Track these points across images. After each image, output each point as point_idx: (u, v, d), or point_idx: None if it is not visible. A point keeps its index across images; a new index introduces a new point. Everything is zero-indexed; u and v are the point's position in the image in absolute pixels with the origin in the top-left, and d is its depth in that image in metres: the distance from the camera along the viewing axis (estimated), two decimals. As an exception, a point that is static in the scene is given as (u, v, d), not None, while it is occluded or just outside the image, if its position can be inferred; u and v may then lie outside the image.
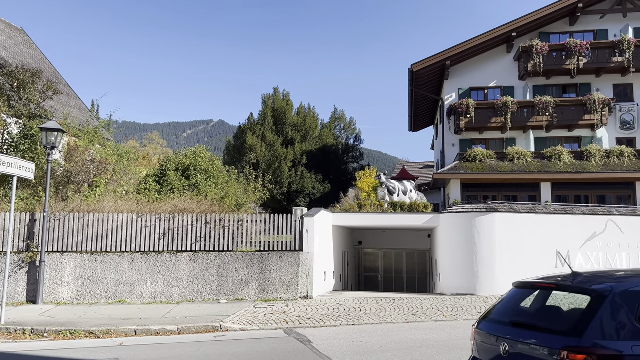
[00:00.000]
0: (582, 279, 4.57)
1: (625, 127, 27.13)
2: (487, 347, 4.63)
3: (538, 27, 28.16)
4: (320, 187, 32.10)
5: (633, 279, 4.38)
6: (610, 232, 15.95)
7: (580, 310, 4.15)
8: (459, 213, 16.08)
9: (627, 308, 3.94)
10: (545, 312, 4.58)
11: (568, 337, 3.87)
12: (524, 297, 4.83)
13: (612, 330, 3.85)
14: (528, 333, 4.23)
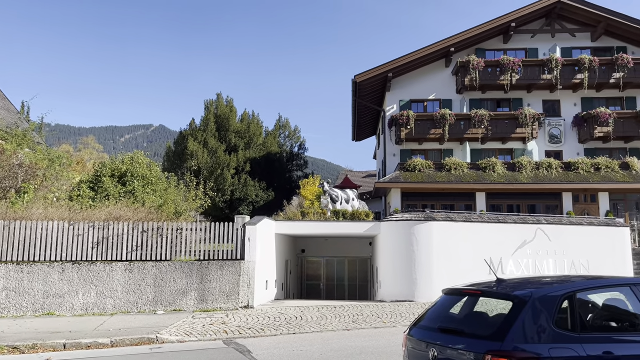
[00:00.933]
0: (506, 285, 4.76)
1: (553, 140, 28.81)
2: (417, 353, 4.73)
3: (474, 43, 29.49)
4: (263, 195, 31.88)
5: (552, 285, 4.61)
6: (539, 240, 16.84)
7: (503, 315, 4.30)
8: (399, 221, 16.45)
9: (546, 312, 4.12)
10: (472, 317, 4.72)
11: (491, 342, 3.99)
12: (453, 304, 4.99)
13: (531, 333, 3.99)
14: (455, 338, 4.35)
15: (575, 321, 4.23)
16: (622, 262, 17.60)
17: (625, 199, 25.84)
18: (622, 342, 4.23)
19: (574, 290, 4.45)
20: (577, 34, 29.39)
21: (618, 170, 25.67)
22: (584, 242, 17.26)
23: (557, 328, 4.08)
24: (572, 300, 4.33)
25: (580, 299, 4.50)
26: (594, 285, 4.75)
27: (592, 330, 4.36)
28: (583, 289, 4.61)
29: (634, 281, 4.86)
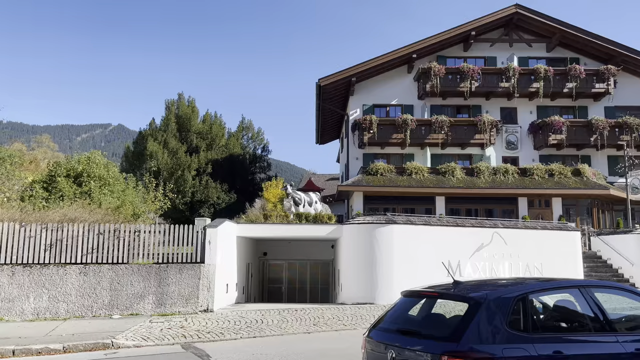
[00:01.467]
0: (463, 287, 4.86)
1: (510, 147, 29.73)
2: (376, 355, 4.76)
3: (436, 50, 30.13)
4: (225, 197, 31.51)
5: (507, 287, 4.73)
6: (496, 244, 17.30)
7: (459, 317, 4.37)
8: (361, 224, 16.58)
9: (500, 313, 4.22)
10: (430, 319, 4.80)
11: (447, 343, 4.08)
12: (412, 306, 5.05)
13: (486, 334, 4.08)
14: (413, 340, 4.41)
15: (528, 322, 4.35)
16: (573, 264, 18.31)
17: (577, 204, 26.91)
18: (571, 342, 4.38)
19: (526, 292, 4.57)
20: (533, 44, 30.47)
21: (570, 177, 26.69)
22: (538, 246, 17.85)
23: (510, 329, 4.18)
24: (525, 301, 4.45)
25: (532, 300, 4.64)
26: (545, 287, 4.90)
27: (543, 330, 4.50)
28: (535, 291, 4.75)
29: (583, 283, 5.09)
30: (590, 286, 5.00)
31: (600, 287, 5.20)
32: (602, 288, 5.22)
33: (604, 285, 5.34)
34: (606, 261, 21.54)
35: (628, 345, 4.52)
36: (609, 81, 28.59)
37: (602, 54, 29.62)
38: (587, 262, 21.31)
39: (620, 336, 4.58)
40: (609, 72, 28.53)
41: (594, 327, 4.63)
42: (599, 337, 4.54)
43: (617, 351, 4.44)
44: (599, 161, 29.26)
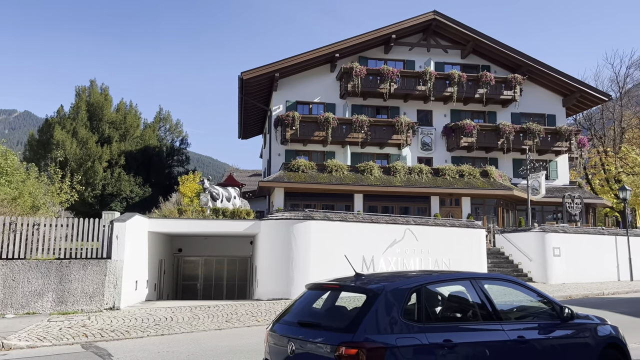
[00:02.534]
0: (363, 279, 4.96)
1: (425, 147, 31.00)
2: (278, 349, 4.74)
3: (358, 51, 30.73)
4: (139, 191, 30.15)
5: (404, 279, 4.88)
6: (408, 240, 17.94)
7: (358, 308, 4.45)
8: (278, 220, 16.52)
9: (396, 304, 4.36)
10: (331, 311, 4.85)
11: (345, 334, 4.15)
12: (316, 298, 5.07)
13: (381, 325, 4.20)
14: (313, 332, 4.44)
15: (422, 312, 4.52)
16: (478, 260, 19.40)
17: (484, 203, 28.61)
18: (461, 331, 4.62)
19: (421, 283, 4.75)
20: (449, 50, 31.96)
21: (479, 178, 28.31)
22: (446, 242, 18.73)
23: (405, 319, 4.32)
24: (420, 293, 4.63)
25: (427, 291, 4.83)
26: (439, 280, 5.14)
27: (436, 320, 4.72)
28: (430, 283, 4.95)
29: (474, 275, 5.35)
30: (480, 278, 5.29)
31: (489, 279, 5.52)
32: (492, 280, 5.55)
33: (493, 278, 5.67)
34: (508, 257, 23.09)
35: (512, 332, 4.83)
36: (515, 89, 30.64)
37: (511, 63, 31.68)
38: (491, 258, 22.72)
39: (505, 324, 4.89)
40: (515, 81, 30.57)
41: (482, 317, 4.89)
42: (486, 325, 4.81)
43: (501, 338, 4.74)
44: (505, 163, 31.31)
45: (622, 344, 5.69)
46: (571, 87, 31.66)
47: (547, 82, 32.14)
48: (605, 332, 5.61)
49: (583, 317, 5.64)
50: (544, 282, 21.19)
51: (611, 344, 5.56)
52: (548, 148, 30.61)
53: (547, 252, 21.58)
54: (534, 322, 5.31)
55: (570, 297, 17.66)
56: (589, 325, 5.54)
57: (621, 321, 12.42)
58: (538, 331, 5.09)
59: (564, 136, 30.63)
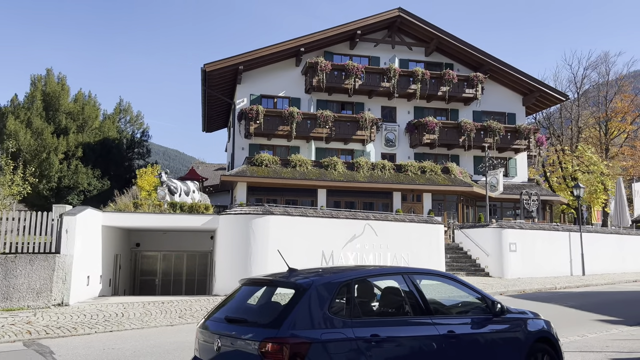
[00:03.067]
0: (296, 274, 4.88)
1: (388, 144, 31.24)
2: (206, 346, 4.63)
3: (324, 46, 30.65)
4: (98, 184, 29.32)
5: (337, 273, 4.81)
6: (367, 235, 18.03)
7: (286, 303, 4.41)
8: (237, 215, 16.34)
9: (324, 299, 4.32)
10: (263, 307, 4.76)
11: (270, 329, 4.10)
12: (251, 294, 4.98)
13: (307, 320, 4.16)
14: (240, 328, 4.36)
15: (351, 307, 4.49)
16: (437, 255, 19.68)
17: (445, 199, 29.06)
18: (389, 325, 4.61)
19: (352, 278, 4.71)
20: (413, 47, 32.24)
21: (440, 174, 28.73)
22: (405, 237, 18.92)
23: (332, 314, 4.29)
24: (350, 287, 4.59)
25: (358, 286, 4.81)
26: (372, 274, 5.15)
27: (365, 315, 4.69)
28: (362, 277, 4.94)
29: (407, 270, 5.34)
30: (413, 273, 5.29)
31: (422, 274, 5.55)
32: (425, 275, 5.58)
33: (426, 273, 5.70)
34: (466, 252, 23.54)
35: (442, 327, 4.86)
36: (477, 87, 31.18)
37: (474, 62, 32.20)
38: (450, 253, 23.12)
39: (436, 319, 4.92)
40: (477, 79, 31.11)
41: (413, 311, 4.90)
42: (417, 320, 4.83)
43: (431, 333, 4.75)
44: (467, 160, 31.88)
45: (554, 338, 5.80)
46: (531, 86, 32.45)
47: (507, 81, 32.83)
48: (536, 326, 5.70)
49: (515, 311, 5.71)
50: (500, 276, 21.70)
51: (542, 338, 5.66)
52: (508, 146, 31.31)
53: (503, 247, 22.09)
54: (466, 317, 5.35)
55: (524, 291, 18.14)
56: (520, 319, 5.61)
57: (567, 314, 12.85)
58: (470, 326, 5.14)
59: (523, 134, 31.39)
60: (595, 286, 20.35)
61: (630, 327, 10.75)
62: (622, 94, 43.30)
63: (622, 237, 27.20)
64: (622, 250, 26.68)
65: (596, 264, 24.83)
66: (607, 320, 11.85)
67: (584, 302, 15.24)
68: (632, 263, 26.77)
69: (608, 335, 9.84)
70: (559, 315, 12.77)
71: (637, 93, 45.00)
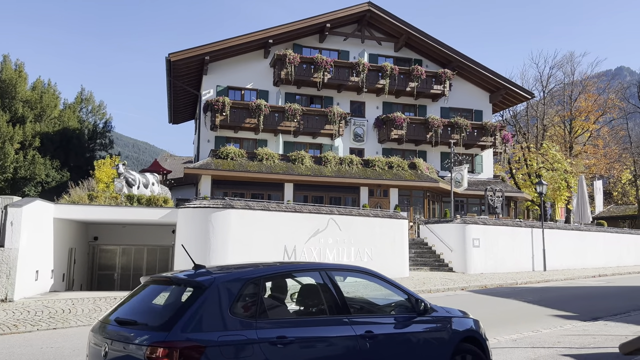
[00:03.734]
0: (200, 271, 4.42)
1: (357, 139, 31.12)
2: (95, 349, 4.19)
3: (293, 38, 30.26)
4: (56, 175, 28.30)
5: (241, 270, 4.45)
6: (331, 230, 17.85)
7: (182, 303, 4.03)
8: (196, 208, 15.92)
9: (225, 298, 3.97)
10: (159, 307, 4.27)
11: (160, 332, 3.72)
12: (157, 293, 4.45)
13: (204, 321, 3.81)
14: (129, 331, 3.94)
15: (257, 307, 4.16)
16: (400, 250, 19.66)
17: (412, 195, 29.13)
18: (301, 326, 4.31)
19: (261, 275, 4.39)
20: (383, 42, 32.14)
21: (407, 170, 28.77)
22: (370, 232, 18.82)
23: (234, 314, 3.96)
24: (258, 285, 4.27)
25: (267, 284, 4.49)
26: (285, 271, 4.81)
27: (273, 315, 4.33)
28: (272, 274, 4.62)
29: (325, 267, 5.00)
30: (332, 269, 4.96)
31: (342, 270, 5.26)
32: (345, 272, 5.29)
33: (347, 269, 5.40)
34: (431, 247, 23.63)
35: (359, 327, 4.53)
36: (445, 84, 31.32)
37: (442, 58, 32.33)
38: (415, 249, 23.18)
39: (353, 318, 4.59)
40: (445, 76, 31.23)
41: (329, 310, 4.56)
42: (332, 319, 4.50)
43: (346, 333, 4.42)
44: (434, 156, 32.04)
45: (481, 338, 5.56)
46: (497, 83, 32.79)
47: (475, 78, 33.10)
48: (463, 325, 5.46)
49: (441, 310, 5.45)
50: (464, 271, 21.84)
51: (469, 337, 5.41)
52: (474, 142, 31.58)
53: (467, 242, 22.23)
54: (388, 316, 5.09)
55: (486, 287, 18.27)
56: (446, 318, 5.36)
57: (525, 309, 12.93)
58: (391, 325, 4.87)
59: (489, 131, 31.71)
60: (555, 281, 20.68)
61: (584, 323, 10.84)
62: (586, 93, 44.28)
63: (582, 234, 27.79)
64: (583, 246, 27.25)
65: (557, 259, 25.29)
66: (562, 315, 11.95)
67: (542, 297, 15.40)
68: (591, 259, 27.38)
69: (561, 331, 9.88)
70: (517, 310, 12.85)
71: (601, 93, 46.13)
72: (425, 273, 21.08)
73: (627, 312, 12.11)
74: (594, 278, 22.74)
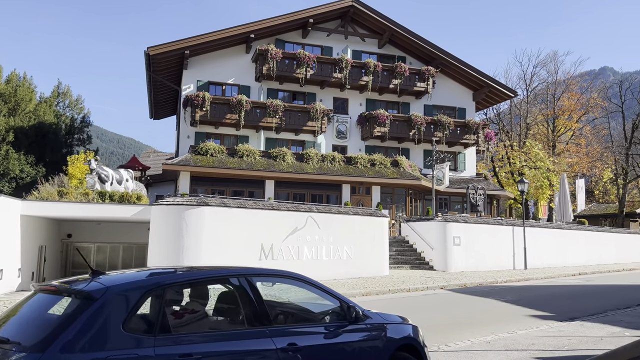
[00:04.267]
0: (93, 279, 3.85)
1: (340, 136, 30.84)
2: None
3: (275, 33, 29.85)
4: (31, 171, 27.60)
5: (146, 277, 3.94)
6: (310, 228, 17.54)
7: (66, 317, 3.45)
8: (170, 205, 15.49)
9: (118, 311, 3.46)
10: (41, 322, 3.61)
11: (31, 354, 3.16)
12: (45, 305, 3.77)
13: (88, 339, 3.28)
14: (2, 351, 3.34)
15: (159, 320, 3.64)
16: (381, 248, 19.42)
17: (394, 192, 28.95)
18: (210, 341, 3.84)
19: (165, 283, 3.85)
20: (366, 39, 31.86)
21: (390, 167, 28.58)
22: (349, 230, 18.55)
23: (128, 330, 3.44)
24: (161, 294, 3.73)
25: (172, 293, 3.98)
26: (195, 278, 4.26)
27: (178, 328, 3.83)
28: (179, 282, 4.07)
29: (246, 272, 4.43)
30: (254, 275, 4.44)
31: (266, 276, 4.79)
32: (270, 277, 4.87)
33: (271, 274, 4.93)
34: (412, 245, 23.45)
35: (280, 340, 4.09)
36: (428, 81, 31.15)
37: (426, 56, 32.15)
38: (396, 246, 22.99)
39: (274, 329, 4.16)
40: (429, 73, 31.06)
41: (247, 321, 4.11)
42: (249, 331, 4.06)
43: (265, 347, 3.99)
44: (417, 154, 31.88)
45: (419, 346, 5.21)
46: (480, 81, 32.71)
47: (458, 76, 32.98)
48: (400, 333, 5.11)
49: (376, 317, 5.02)
50: (444, 270, 21.70)
51: (406, 345, 5.07)
52: (457, 140, 31.48)
53: (448, 241, 22.08)
54: (315, 325, 4.66)
55: (465, 285, 18.12)
56: (381, 326, 4.96)
57: (502, 309, 12.76)
58: (318, 336, 4.44)
59: (472, 129, 31.63)
60: (536, 280, 20.62)
61: (560, 323, 10.67)
62: (569, 92, 44.50)
63: (563, 232, 27.85)
64: (564, 244, 27.32)
65: (538, 257, 25.29)
66: (540, 315, 11.78)
67: (521, 296, 15.27)
68: (572, 257, 27.46)
69: (537, 332, 9.69)
70: (495, 310, 12.68)
71: (584, 92, 46.41)
72: (406, 271, 20.89)
73: (604, 312, 12.00)
74: (574, 277, 22.75)
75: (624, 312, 11.93)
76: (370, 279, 17.87)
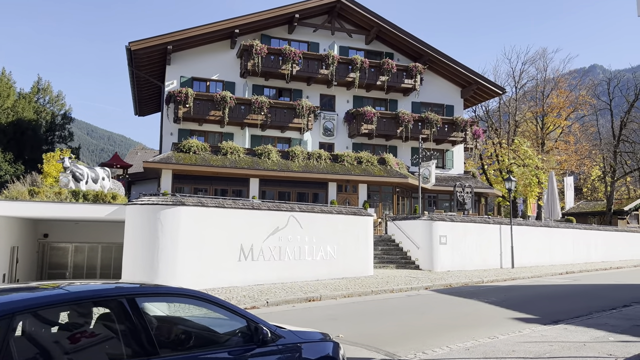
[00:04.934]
0: None
1: (327, 133, 30.40)
2: None
3: (261, 28, 29.32)
4: (10, 169, 26.91)
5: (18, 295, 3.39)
6: (292, 227, 17.09)
7: None
8: (144, 205, 14.97)
9: None
10: None
11: None
12: None
13: None
14: None
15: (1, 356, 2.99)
16: (365, 248, 19.02)
17: (381, 190, 28.57)
18: None
19: (15, 309, 3.17)
20: (353, 35, 31.42)
21: (377, 165, 28.19)
22: (333, 230, 18.12)
23: None
24: (7, 325, 3.07)
25: (24, 321, 3.36)
26: (59, 301, 3.51)
27: None
28: (34, 307, 3.33)
29: (131, 291, 3.79)
30: (140, 295, 3.81)
31: (157, 295, 4.14)
32: (160, 296, 4.21)
33: (164, 293, 4.23)
34: (398, 244, 23.09)
35: None
36: (416, 78, 30.77)
37: (413, 52, 31.77)
38: (382, 246, 22.61)
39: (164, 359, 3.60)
40: (416, 70, 30.68)
41: (130, 352, 3.50)
42: None
43: None
44: (404, 152, 31.53)
45: None
46: (469, 78, 32.39)
47: (446, 73, 32.65)
48: (318, 352, 4.62)
49: (291, 336, 4.51)
50: (430, 269, 21.36)
51: None
52: (445, 138, 31.16)
53: (434, 240, 21.75)
54: (216, 350, 4.05)
55: (451, 285, 17.79)
56: (295, 346, 4.45)
57: (486, 311, 12.41)
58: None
59: (460, 127, 31.31)
60: (522, 279, 20.35)
61: (544, 327, 10.33)
62: (558, 90, 44.37)
63: (551, 230, 27.65)
64: (551, 242, 27.11)
65: (526, 256, 25.05)
66: (523, 318, 11.45)
67: (506, 297, 14.96)
68: (560, 255, 27.27)
69: (519, 337, 9.33)
70: (478, 312, 12.33)
71: (572, 89, 46.30)
72: (391, 271, 20.52)
73: (588, 314, 11.70)
74: (561, 275, 22.53)
75: (609, 315, 11.63)
76: (354, 280, 17.48)
